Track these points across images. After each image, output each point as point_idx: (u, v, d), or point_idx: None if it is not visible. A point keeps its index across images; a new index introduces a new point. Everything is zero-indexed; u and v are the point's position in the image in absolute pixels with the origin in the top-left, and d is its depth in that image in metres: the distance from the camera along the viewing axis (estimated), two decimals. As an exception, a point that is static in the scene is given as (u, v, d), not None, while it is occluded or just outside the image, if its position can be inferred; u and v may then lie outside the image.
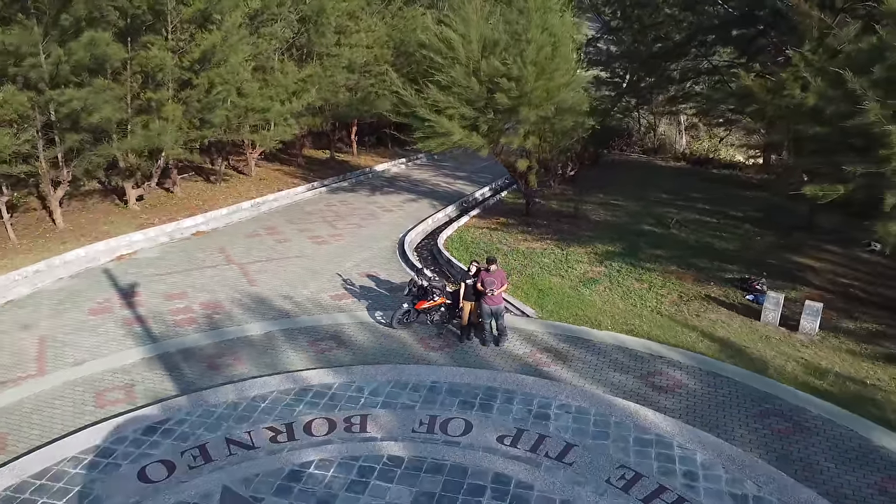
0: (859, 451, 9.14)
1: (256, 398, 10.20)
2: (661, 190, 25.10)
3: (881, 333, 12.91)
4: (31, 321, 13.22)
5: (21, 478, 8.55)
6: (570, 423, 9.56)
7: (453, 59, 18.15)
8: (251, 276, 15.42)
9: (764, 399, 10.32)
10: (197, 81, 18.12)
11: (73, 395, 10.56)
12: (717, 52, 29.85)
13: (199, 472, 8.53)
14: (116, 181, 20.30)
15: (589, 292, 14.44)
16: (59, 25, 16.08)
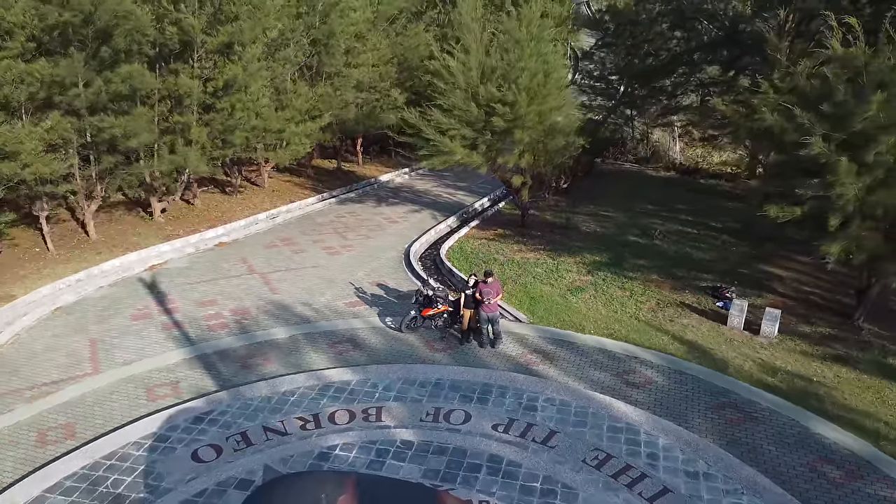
0: (798, 437, 10.83)
1: (286, 393, 11.90)
2: (649, 201, 26.76)
3: (833, 336, 14.60)
4: (81, 326, 14.94)
5: (93, 459, 10.25)
6: (554, 413, 11.25)
7: (454, 84, 19.85)
8: (273, 284, 17.13)
9: (721, 393, 12.01)
10: (220, 106, 19.81)
11: (126, 391, 12.26)
12: (704, 70, 31.46)
13: (242, 454, 10.23)
14: (139, 194, 21.96)
15: (575, 300, 16.13)
16: (98, 57, 17.81)
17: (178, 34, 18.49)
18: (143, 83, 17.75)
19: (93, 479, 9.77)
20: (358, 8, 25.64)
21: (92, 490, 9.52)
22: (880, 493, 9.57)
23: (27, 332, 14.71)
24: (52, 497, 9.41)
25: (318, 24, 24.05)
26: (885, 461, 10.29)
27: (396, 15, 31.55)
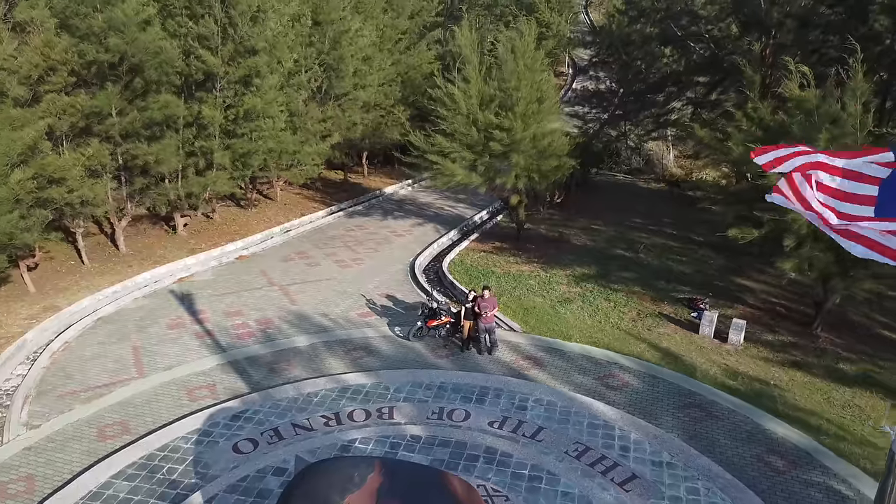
0: (750, 432, 12.63)
1: (310, 394, 13.70)
2: (637, 214, 28.57)
3: (792, 344, 16.41)
4: (123, 334, 16.75)
5: (148, 451, 12.06)
6: (542, 412, 13.05)
7: (456, 110, 21.66)
8: (292, 296, 18.94)
9: (688, 395, 13.82)
10: (240, 131, 21.62)
11: (170, 392, 14.07)
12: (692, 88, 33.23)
13: (275, 447, 12.03)
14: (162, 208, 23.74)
15: (564, 310, 17.94)
16: (130, 87, 19.64)
17: (202, 67, 20.29)
18: (176, 112, 19.53)
19: (150, 467, 11.57)
20: (365, 34, 27.39)
21: (150, 476, 11.32)
22: (814, 479, 11.37)
23: (75, 340, 16.53)
24: (118, 482, 11.21)
25: (329, 51, 25.82)
26: (822, 453, 12.09)
27: (401, 36, 33.37)
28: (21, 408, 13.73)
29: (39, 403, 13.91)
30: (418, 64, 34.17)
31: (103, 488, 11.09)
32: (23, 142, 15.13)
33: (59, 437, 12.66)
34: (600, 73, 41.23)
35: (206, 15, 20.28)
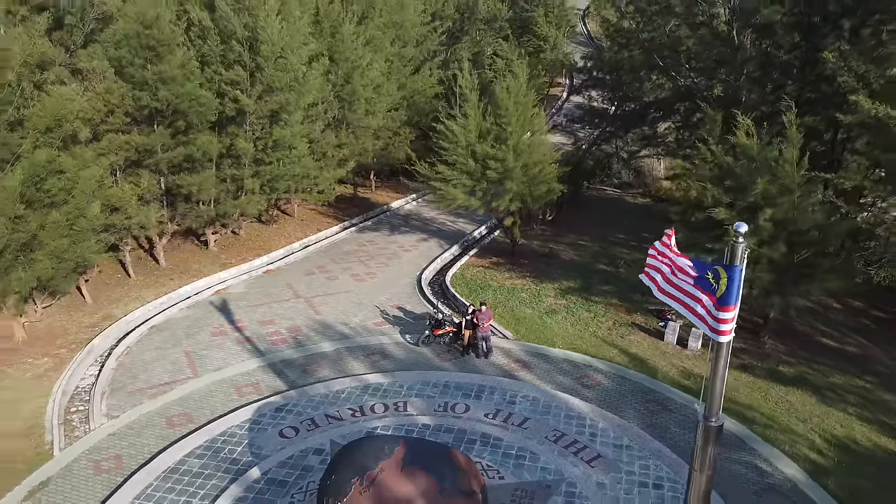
0: (696, 423, 15.52)
1: (338, 391, 16.67)
2: (622, 230, 31.50)
3: (742, 349, 19.37)
4: (175, 340, 19.73)
5: (210, 436, 15.03)
6: (527, 406, 16.01)
7: (457, 143, 24.61)
8: (316, 307, 21.91)
9: (649, 392, 16.78)
10: (268, 160, 24.57)
11: (221, 390, 17.04)
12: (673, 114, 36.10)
13: (313, 433, 15.00)
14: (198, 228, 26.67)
15: (550, 320, 20.91)
16: (174, 126, 22.59)
17: (235, 106, 23.24)
18: (212, 149, 22.51)
19: (214, 448, 14.55)
20: (375, 66, 30.30)
21: (216, 455, 14.30)
22: (742, 458, 14.35)
23: (135, 346, 19.52)
24: (190, 460, 14.19)
25: (343, 84, 28.77)
26: (753, 439, 15.07)
27: (406, 63, 36.28)
28: (100, 402, 16.73)
29: (114, 398, 16.90)
30: (422, 88, 37.05)
31: (179, 464, 14.08)
32: (95, 179, 18.09)
33: (135, 425, 15.65)
34: (592, 93, 44.16)
35: (236, 61, 23.22)
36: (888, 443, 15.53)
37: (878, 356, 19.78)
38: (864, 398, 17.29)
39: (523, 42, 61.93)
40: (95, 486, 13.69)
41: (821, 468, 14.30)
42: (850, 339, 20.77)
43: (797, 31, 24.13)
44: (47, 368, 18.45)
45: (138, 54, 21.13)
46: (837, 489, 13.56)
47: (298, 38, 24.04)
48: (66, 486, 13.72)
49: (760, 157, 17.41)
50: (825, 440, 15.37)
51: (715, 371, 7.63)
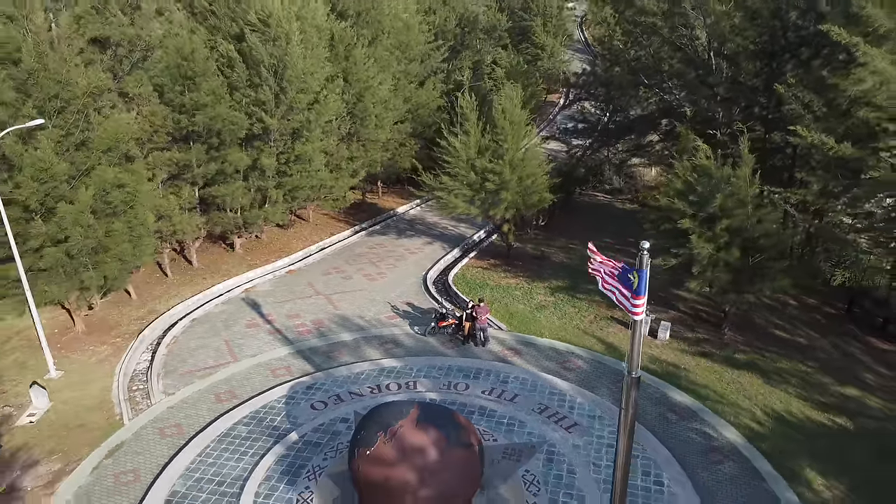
0: (658, 398, 18.63)
1: (358, 373, 19.72)
2: (609, 234, 34.47)
3: (704, 339, 22.42)
4: (215, 331, 22.79)
5: (254, 408, 18.10)
6: (517, 385, 19.05)
7: (458, 158, 27.63)
8: (335, 303, 24.97)
9: (620, 374, 19.76)
10: (290, 172, 27.61)
11: (259, 372, 20.09)
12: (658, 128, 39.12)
13: (339, 406, 18.05)
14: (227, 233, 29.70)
15: (540, 315, 23.96)
16: (208, 144, 25.61)
17: (262, 125, 26.27)
18: (241, 163, 25.56)
19: (258, 418, 17.62)
20: (384, 86, 33.30)
21: (260, 423, 17.37)
22: (693, 426, 17.40)
23: (181, 336, 22.58)
24: (239, 427, 17.26)
25: (355, 103, 31.79)
26: (704, 411, 18.11)
27: (412, 79, 39.28)
28: (157, 382, 19.82)
29: (168, 379, 19.98)
30: (426, 102, 40.04)
31: (230, 430, 17.16)
32: (152, 192, 21.16)
33: (189, 400, 18.72)
34: (586, 104, 47.18)
35: (262, 85, 26.22)
36: (818, 416, 18.59)
37: (823, 346, 22.83)
38: (804, 380, 20.34)
39: (521, 50, 64.93)
40: (162, 447, 16.77)
41: (758, 434, 17.36)
42: (800, 331, 23.80)
43: (759, 59, 27.17)
44: (107, 354, 21.54)
45: (177, 82, 24.17)
46: (769, 449, 16.62)
47: (318, 64, 27.07)
48: (137, 447, 16.80)
49: (717, 176, 20.45)
50: (765, 413, 18.43)
51: (633, 338, 10.41)
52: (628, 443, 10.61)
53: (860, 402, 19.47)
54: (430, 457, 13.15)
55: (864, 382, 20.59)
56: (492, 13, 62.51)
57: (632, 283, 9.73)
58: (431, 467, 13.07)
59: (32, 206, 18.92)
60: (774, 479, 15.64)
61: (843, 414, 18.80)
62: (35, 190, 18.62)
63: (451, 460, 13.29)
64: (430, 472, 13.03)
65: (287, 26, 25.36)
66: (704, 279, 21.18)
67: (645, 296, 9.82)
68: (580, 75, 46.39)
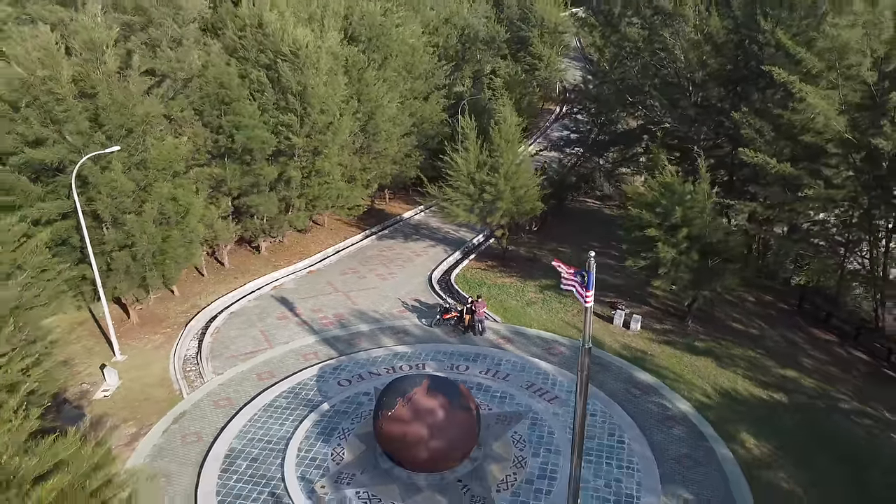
0: (626, 378, 22.40)
1: (375, 357, 23.49)
2: (595, 238, 38.15)
3: (670, 330, 26.18)
4: (251, 323, 26.55)
5: (290, 385, 21.88)
6: (510, 367, 22.81)
7: (459, 172, 31.38)
8: (352, 299, 28.73)
9: (596, 359, 23.53)
10: (311, 184, 31.36)
11: (291, 356, 23.85)
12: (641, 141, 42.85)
13: (360, 383, 21.82)
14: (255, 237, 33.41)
15: (530, 309, 27.72)
16: (242, 160, 29.34)
17: (288, 144, 30.01)
18: (271, 176, 29.33)
19: (294, 392, 21.39)
20: (393, 105, 37.02)
21: (296, 397, 21.14)
22: (653, 399, 21.17)
23: (222, 326, 26.34)
24: (279, 399, 21.02)
25: (367, 120, 35.51)
26: (663, 388, 21.88)
27: (417, 95, 43.00)
28: (207, 364, 23.56)
29: (216, 362, 23.74)
30: (430, 116, 43.75)
31: (272, 402, 20.93)
32: (200, 204, 24.98)
33: (235, 379, 22.48)
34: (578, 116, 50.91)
35: (289, 108, 29.94)
36: (759, 392, 22.35)
37: (772, 336, 26.59)
38: (751, 364, 24.11)
39: (520, 59, 68.44)
40: (217, 416, 20.53)
41: (706, 406, 21.13)
42: (754, 323, 27.58)
43: (724, 86, 30.95)
44: (161, 342, 25.31)
45: (215, 106, 27.91)
46: (713, 418, 20.39)
47: (337, 90, 30.81)
48: (196, 415, 20.57)
49: (679, 191, 24.22)
50: (714, 390, 22.20)
51: (585, 319, 14.00)
52: (584, 396, 14.26)
53: (797, 382, 23.25)
54: (438, 417, 16.90)
55: (802, 366, 24.39)
56: (491, 25, 65.96)
57: (583, 280, 13.43)
58: (439, 425, 16.82)
59: (105, 217, 22.68)
60: (715, 440, 19.42)
61: (780, 391, 22.58)
62: (107, 204, 22.37)
63: (454, 420, 17.05)
64: (438, 429, 16.79)
65: (314, 57, 29.08)
66: (669, 278, 24.97)
67: (592, 290, 13.54)
68: (572, 91, 50.09)
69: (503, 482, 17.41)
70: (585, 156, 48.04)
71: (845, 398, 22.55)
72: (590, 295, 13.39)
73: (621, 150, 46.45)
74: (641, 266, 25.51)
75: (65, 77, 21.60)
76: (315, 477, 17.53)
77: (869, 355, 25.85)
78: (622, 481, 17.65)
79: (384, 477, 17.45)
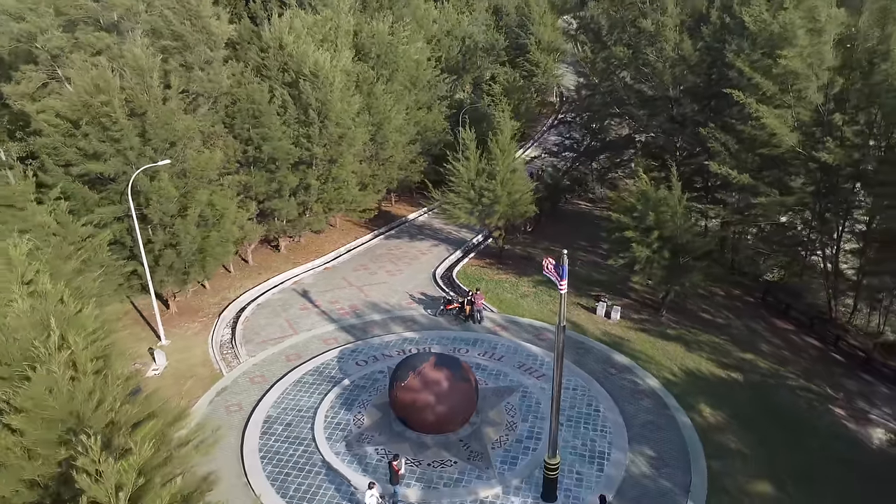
0: (604, 359, 25.95)
1: (387, 342, 27.05)
2: (584, 238, 41.72)
3: (646, 320, 29.72)
4: (276, 313, 30.11)
5: (315, 365, 25.45)
6: (504, 350, 26.37)
7: (460, 178, 34.91)
8: (365, 292, 32.28)
9: (579, 343, 27.09)
10: (328, 189, 34.89)
11: (314, 341, 27.41)
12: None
13: (376, 363, 25.39)
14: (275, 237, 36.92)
15: (523, 301, 31.25)
16: (267, 168, 32.87)
17: (308, 154, 33.56)
18: (293, 183, 32.89)
19: (319, 370, 24.96)
20: (399, 117, 40.55)
21: (320, 375, 24.71)
22: (626, 377, 24.72)
23: (251, 316, 29.90)
24: (306, 376, 24.59)
25: (377, 131, 39.05)
26: (637, 367, 25.42)
27: (421, 106, 46.51)
28: (241, 348, 27.12)
29: (248, 346, 27.29)
30: (433, 125, 47.26)
31: (301, 379, 24.48)
32: (234, 208, 28.54)
33: (267, 360, 26.04)
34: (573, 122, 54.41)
35: (309, 122, 33.46)
36: (719, 372, 25.89)
37: (737, 325, 30.13)
38: (715, 349, 27.64)
39: (518, 65, 71.73)
40: (253, 390, 24.08)
41: (672, 382, 24.66)
42: (721, 314, 31.12)
43: (699, 101, 34.47)
44: (198, 329, 28.86)
45: (245, 121, 31.45)
46: (677, 392, 23.92)
47: (351, 105, 34.35)
48: (236, 389, 24.12)
49: (653, 198, 27.75)
50: (681, 370, 25.73)
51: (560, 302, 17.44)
52: (560, 363, 17.75)
53: (753, 364, 26.80)
54: (443, 386, 20.45)
55: (760, 350, 27.94)
56: (490, 33, 69.30)
57: (559, 270, 16.95)
58: (444, 393, 20.37)
59: (154, 220, 26.24)
60: (676, 409, 22.96)
61: (738, 371, 26.13)
62: (156, 209, 25.92)
63: (457, 389, 20.60)
64: (443, 396, 20.34)
65: (331, 76, 32.62)
66: (645, 274, 28.51)
67: (566, 279, 17.02)
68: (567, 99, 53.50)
69: (497, 441, 20.96)
70: (579, 160, 51.53)
71: (793, 377, 26.11)
72: (563, 282, 16.86)
73: (610, 157, 49.99)
74: (620, 264, 29.04)
75: (117, 102, 25.00)
76: (340, 438, 21.10)
77: (820, 341, 29.40)
78: (596, 441, 21.20)
79: (398, 437, 21.01)
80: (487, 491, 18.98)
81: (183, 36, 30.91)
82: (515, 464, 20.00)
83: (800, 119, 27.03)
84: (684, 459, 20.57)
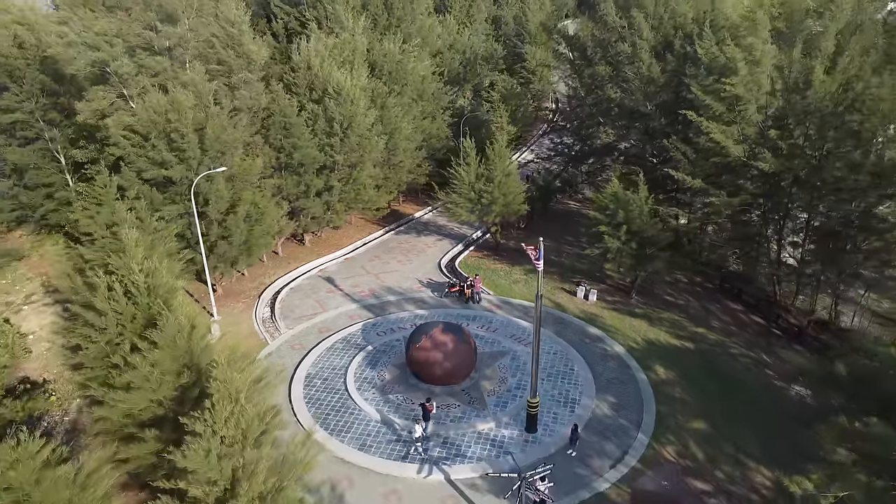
0: (580, 331, 31.59)
1: (402, 318, 32.69)
2: (571, 233, 47.27)
3: (618, 301, 35.35)
4: (307, 294, 35.75)
5: (343, 335, 31.14)
6: (498, 324, 32.01)
7: (461, 181, 40.51)
8: (381, 279, 37.90)
9: (560, 319, 32.71)
10: (347, 190, 40.48)
11: (341, 317, 33.06)
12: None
13: (393, 334, 31.04)
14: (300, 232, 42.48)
15: (515, 286, 36.87)
16: (297, 172, 38.49)
17: (332, 160, 39.14)
18: (318, 185, 38.51)
19: (346, 339, 30.63)
20: (409, 126, 46.12)
21: (348, 342, 30.38)
22: (598, 345, 30.37)
23: (286, 297, 35.54)
24: (336, 344, 30.28)
25: (389, 139, 44.63)
26: (607, 338, 31.06)
27: (426, 115, 52.05)
28: (281, 322, 32.75)
29: (286, 321, 32.92)
30: (437, 133, 52.82)
31: (332, 346, 30.16)
32: (273, 207, 34.21)
33: (303, 332, 31.69)
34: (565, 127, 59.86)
35: (332, 133, 39.01)
36: (674, 342, 31.51)
37: (695, 306, 35.76)
38: (673, 324, 33.26)
39: (515, 72, 76.95)
40: (294, 354, 29.71)
41: (634, 349, 30.28)
42: (682, 297, 36.74)
43: (667, 116, 40.05)
44: (243, 308, 34.49)
45: (278, 132, 37.04)
46: (638, 356, 29.54)
47: (369, 117, 39.96)
48: (280, 353, 29.76)
49: (623, 199, 33.36)
50: (643, 340, 31.34)
51: (538, 277, 23.00)
52: (538, 324, 23.32)
53: (704, 336, 32.43)
54: (449, 347, 26.10)
55: (711, 326, 33.58)
56: (489, 43, 74.64)
57: (538, 255, 22.55)
58: (450, 352, 26.03)
59: (211, 217, 31.86)
60: (637, 369, 28.58)
61: (690, 341, 31.76)
62: (214, 207, 31.53)
63: (460, 350, 26.27)
64: (449, 354, 26.00)
65: (352, 93, 38.21)
66: (615, 262, 34.14)
67: (542, 259, 22.60)
68: (556, 112, 59.04)
69: (492, 391, 26.61)
70: (569, 164, 57.06)
71: (736, 346, 31.75)
72: (539, 261, 22.46)
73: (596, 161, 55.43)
74: (596, 254, 34.68)
75: (186, 120, 30.57)
76: (368, 388, 26.73)
77: (764, 319, 35.03)
78: (570, 391, 26.84)
79: (413, 388, 26.63)
80: (483, 425, 24.63)
81: (226, 61, 36.54)
82: (506, 407, 25.65)
83: (745, 133, 32.59)
84: (639, 405, 26.21)
